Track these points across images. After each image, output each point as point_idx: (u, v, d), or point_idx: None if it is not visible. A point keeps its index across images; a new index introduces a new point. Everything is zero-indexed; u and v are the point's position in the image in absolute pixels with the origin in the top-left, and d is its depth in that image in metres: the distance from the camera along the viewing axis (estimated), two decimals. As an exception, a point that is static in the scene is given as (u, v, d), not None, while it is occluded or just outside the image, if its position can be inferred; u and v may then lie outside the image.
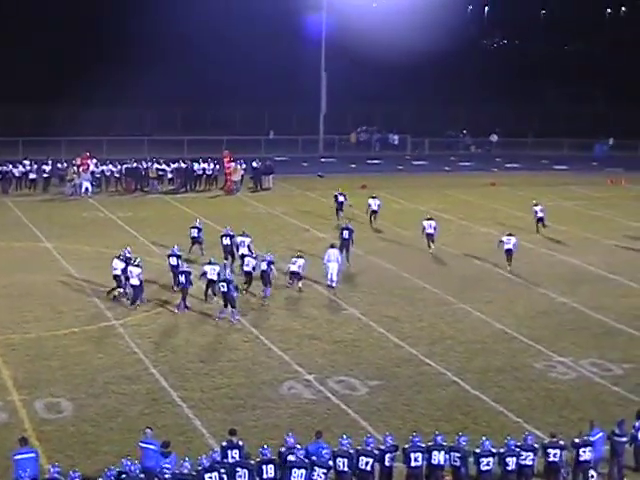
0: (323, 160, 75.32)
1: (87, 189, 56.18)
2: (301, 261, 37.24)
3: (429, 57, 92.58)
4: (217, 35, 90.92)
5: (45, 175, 58.12)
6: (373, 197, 50.18)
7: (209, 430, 24.58)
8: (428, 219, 44.84)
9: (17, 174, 57.91)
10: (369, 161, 75.50)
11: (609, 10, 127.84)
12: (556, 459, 21.64)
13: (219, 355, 30.15)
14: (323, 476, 20.53)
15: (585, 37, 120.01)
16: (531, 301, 36.84)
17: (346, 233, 41.48)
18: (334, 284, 37.39)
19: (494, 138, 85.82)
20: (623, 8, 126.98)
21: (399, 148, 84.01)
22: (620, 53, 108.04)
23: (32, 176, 58.08)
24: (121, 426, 24.72)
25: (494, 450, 21.36)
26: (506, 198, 59.72)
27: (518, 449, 21.47)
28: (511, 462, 21.33)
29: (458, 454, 21.30)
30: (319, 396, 27.17)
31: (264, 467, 20.42)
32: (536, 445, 21.86)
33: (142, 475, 19.67)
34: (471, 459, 21.39)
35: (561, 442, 21.82)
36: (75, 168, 57.40)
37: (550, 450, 21.68)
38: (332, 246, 38.57)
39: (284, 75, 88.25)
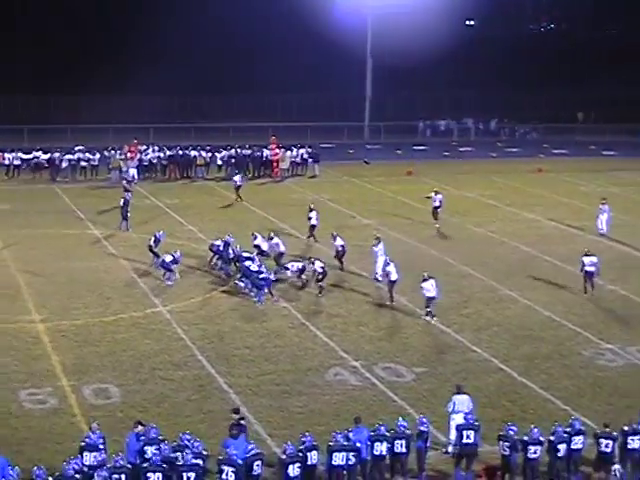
0: (369, 147, 75.14)
1: (134, 176, 56.45)
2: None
3: (476, 43, 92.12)
4: (262, 25, 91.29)
5: (93, 163, 58.70)
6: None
7: (255, 416, 24.66)
8: (436, 192, 46.95)
9: (71, 161, 58.52)
10: (415, 147, 75.12)
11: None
12: (608, 449, 21.51)
13: (265, 341, 30.24)
14: (353, 459, 20.86)
15: (632, 21, 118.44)
16: (579, 288, 36.52)
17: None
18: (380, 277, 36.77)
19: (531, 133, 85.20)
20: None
21: (446, 134, 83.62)
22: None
23: (83, 164, 58.68)
24: (168, 412, 24.91)
25: (542, 438, 21.27)
26: (553, 184, 59.24)
27: (567, 435, 21.40)
28: (562, 449, 21.26)
29: (508, 443, 21.25)
30: (365, 382, 27.19)
31: (308, 454, 20.52)
32: (583, 428, 21.80)
33: (165, 465, 19.88)
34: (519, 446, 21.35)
35: (614, 433, 21.64)
36: (123, 155, 57.74)
37: (602, 440, 21.55)
38: (380, 239, 37.83)
39: (330, 62, 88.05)
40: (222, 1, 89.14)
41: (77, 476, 19.23)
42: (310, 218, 42.95)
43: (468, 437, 21.54)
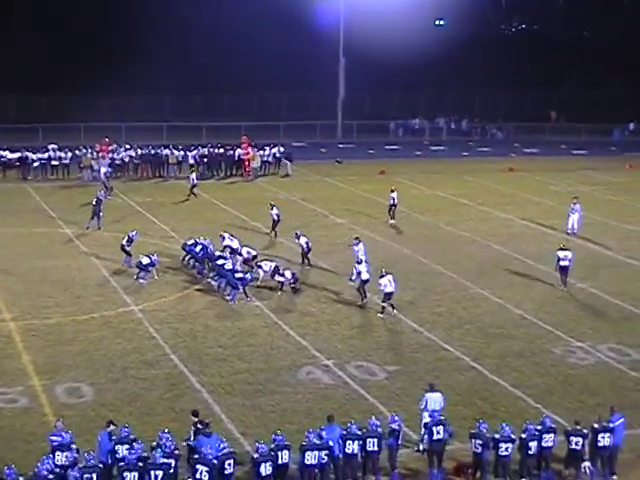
0: (341, 146, 75.20)
1: (106, 174, 56.04)
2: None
3: (447, 42, 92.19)
4: (234, 23, 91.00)
5: (65, 162, 58.49)
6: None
7: (228, 415, 24.63)
8: (392, 191, 47.02)
9: (42, 160, 58.32)
10: (387, 147, 75.30)
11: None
12: (578, 447, 21.64)
13: (238, 340, 30.19)
14: (326, 457, 20.94)
15: (603, 22, 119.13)
16: (549, 286, 36.69)
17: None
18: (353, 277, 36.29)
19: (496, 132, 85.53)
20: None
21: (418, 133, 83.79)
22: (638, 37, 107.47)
23: (54, 163, 58.47)
24: (140, 410, 24.83)
25: (513, 436, 21.37)
26: (524, 183, 59.52)
27: (538, 432, 21.52)
28: (533, 446, 21.39)
29: (480, 441, 21.33)
30: (338, 381, 27.18)
31: (279, 453, 20.54)
32: (554, 426, 21.96)
33: (140, 463, 19.88)
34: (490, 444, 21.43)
35: (584, 430, 21.77)
36: (95, 154, 57.53)
37: (572, 437, 21.69)
38: (359, 240, 37.97)
39: (302, 62, 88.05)
40: (195, 2, 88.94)
41: (50, 476, 19.16)
42: (276, 217, 42.93)
43: (438, 433, 21.63)
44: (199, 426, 21.64)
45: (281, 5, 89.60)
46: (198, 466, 20.01)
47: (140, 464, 19.83)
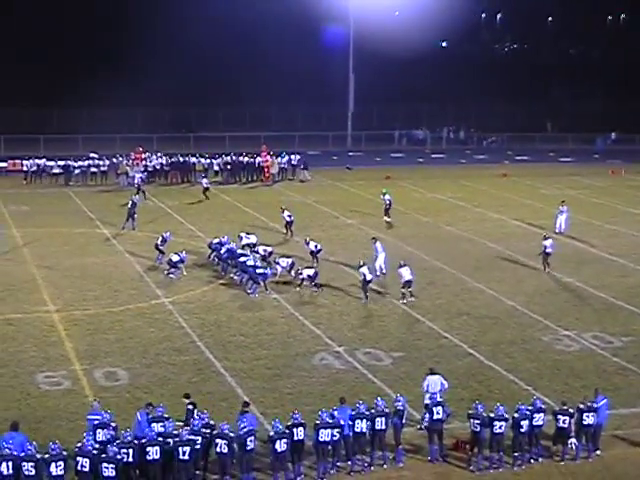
0: (351, 154, 75.14)
1: (140, 180, 56.16)
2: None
3: (446, 60, 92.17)
4: (255, 46, 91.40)
5: (103, 169, 58.68)
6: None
7: (249, 397, 24.61)
8: (384, 194, 47.11)
9: (82, 168, 58.56)
10: (392, 155, 75.20)
11: (610, 17, 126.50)
12: (565, 425, 21.64)
13: (258, 329, 30.22)
14: (338, 435, 20.97)
15: (588, 41, 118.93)
16: (539, 280, 36.65)
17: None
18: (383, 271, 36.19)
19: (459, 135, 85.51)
20: (623, 15, 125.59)
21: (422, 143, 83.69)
22: (620, 54, 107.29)
23: (93, 169, 58.66)
24: (171, 392, 24.85)
25: (507, 415, 21.36)
26: (516, 187, 59.40)
27: (529, 412, 21.52)
28: (525, 425, 21.38)
29: (478, 420, 21.33)
30: (348, 366, 27.19)
31: (295, 430, 20.60)
32: (543, 406, 21.94)
33: (160, 439, 19.84)
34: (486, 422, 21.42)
35: (570, 410, 21.77)
36: (130, 162, 57.65)
37: (560, 417, 21.71)
38: (376, 239, 37.87)
39: (316, 79, 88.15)
40: (220, 19, 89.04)
41: (94, 452, 19.24)
42: (288, 219, 42.86)
43: (437, 413, 21.62)
44: (190, 407, 21.64)
45: (297, 29, 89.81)
46: (217, 440, 20.07)
47: (160, 439, 19.82)
